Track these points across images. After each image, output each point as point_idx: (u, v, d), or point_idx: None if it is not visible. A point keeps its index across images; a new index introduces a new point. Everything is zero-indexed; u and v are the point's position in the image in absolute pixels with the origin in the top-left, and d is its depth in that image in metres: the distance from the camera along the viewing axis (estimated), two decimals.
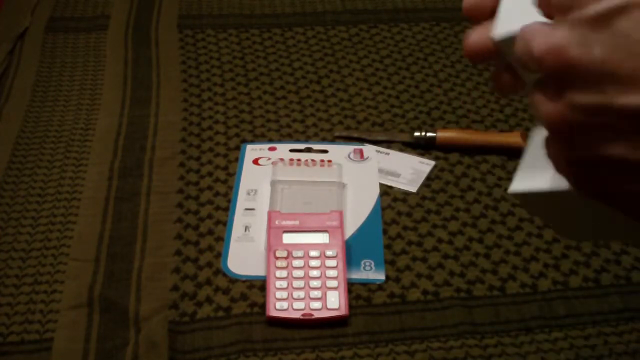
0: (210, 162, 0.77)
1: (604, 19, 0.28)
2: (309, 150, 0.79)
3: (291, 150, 0.78)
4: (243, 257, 0.67)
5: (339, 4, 1.07)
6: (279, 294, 0.62)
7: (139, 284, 0.64)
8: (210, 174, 0.76)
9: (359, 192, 0.74)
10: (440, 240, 0.69)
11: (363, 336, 0.60)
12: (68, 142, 0.80)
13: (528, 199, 0.37)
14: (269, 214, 0.67)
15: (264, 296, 0.63)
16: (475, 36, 0.34)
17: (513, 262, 0.67)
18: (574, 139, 0.30)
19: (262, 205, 0.71)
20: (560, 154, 0.31)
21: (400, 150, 0.80)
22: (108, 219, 0.70)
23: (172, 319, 0.61)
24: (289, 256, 0.64)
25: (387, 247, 0.68)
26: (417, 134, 0.80)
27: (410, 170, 0.77)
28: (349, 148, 0.79)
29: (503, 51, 0.33)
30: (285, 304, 0.61)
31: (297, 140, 0.81)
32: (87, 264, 0.66)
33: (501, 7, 0.33)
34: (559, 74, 0.29)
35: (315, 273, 0.63)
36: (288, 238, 0.65)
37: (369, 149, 0.79)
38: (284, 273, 0.63)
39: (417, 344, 0.60)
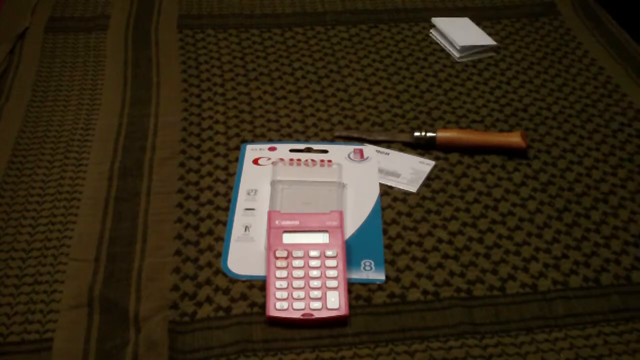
0: (210, 162, 0.77)
1: None
2: (309, 150, 0.79)
3: (291, 150, 0.78)
4: (243, 257, 0.67)
5: (339, 4, 1.07)
6: (279, 294, 0.62)
7: (139, 284, 0.64)
8: (210, 174, 0.76)
9: (359, 192, 0.74)
10: (440, 240, 0.69)
11: (363, 336, 0.60)
12: (68, 142, 0.80)
13: None
14: (269, 214, 0.67)
15: (264, 296, 0.63)
16: None
17: (513, 262, 0.67)
18: None
19: (262, 205, 0.71)
20: None
21: (400, 150, 0.80)
22: (108, 219, 0.70)
23: (172, 319, 0.61)
24: (289, 256, 0.64)
25: (387, 247, 0.68)
26: (417, 134, 0.80)
27: (410, 170, 0.77)
28: (349, 148, 0.79)
29: None
30: (285, 304, 0.61)
31: (297, 140, 0.81)
32: (87, 264, 0.66)
33: None
34: None
35: (315, 273, 0.63)
36: (288, 238, 0.65)
37: (369, 149, 0.79)
38: (284, 273, 0.63)
39: (417, 344, 0.60)
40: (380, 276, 0.65)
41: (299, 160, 0.76)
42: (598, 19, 1.05)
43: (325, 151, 0.79)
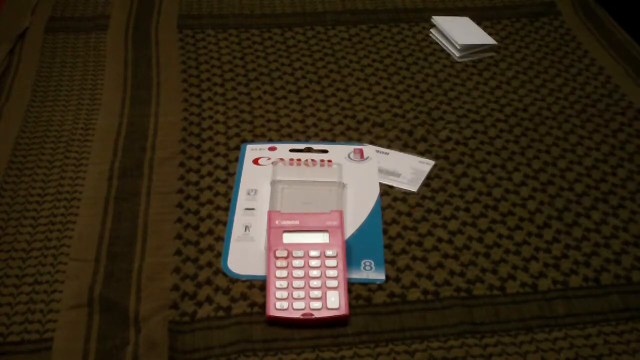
0: (210, 162, 0.77)
1: None
2: (309, 150, 0.79)
3: (291, 150, 0.78)
4: (243, 257, 0.67)
5: (339, 4, 1.07)
6: (279, 294, 0.62)
7: (139, 284, 0.64)
8: (210, 174, 0.76)
9: (359, 192, 0.74)
10: (440, 240, 0.69)
11: (363, 336, 0.60)
12: (68, 142, 0.80)
13: None
14: (269, 214, 0.67)
15: (264, 296, 0.63)
16: None
17: (513, 262, 0.67)
18: None
19: (262, 205, 0.71)
20: None
21: (400, 150, 0.80)
22: (108, 219, 0.70)
23: (172, 319, 0.61)
24: (289, 256, 0.64)
25: (387, 247, 0.68)
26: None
27: (410, 170, 0.77)
28: (349, 148, 0.79)
29: None
30: (285, 304, 0.61)
31: (297, 140, 0.81)
32: (87, 264, 0.66)
33: None
34: None
35: (315, 273, 0.63)
36: (288, 238, 0.65)
37: (369, 149, 0.79)
38: (284, 273, 0.63)
39: (417, 344, 0.60)
40: (380, 276, 0.65)
41: (299, 160, 0.77)
42: (598, 19, 1.05)
43: (325, 151, 0.79)
